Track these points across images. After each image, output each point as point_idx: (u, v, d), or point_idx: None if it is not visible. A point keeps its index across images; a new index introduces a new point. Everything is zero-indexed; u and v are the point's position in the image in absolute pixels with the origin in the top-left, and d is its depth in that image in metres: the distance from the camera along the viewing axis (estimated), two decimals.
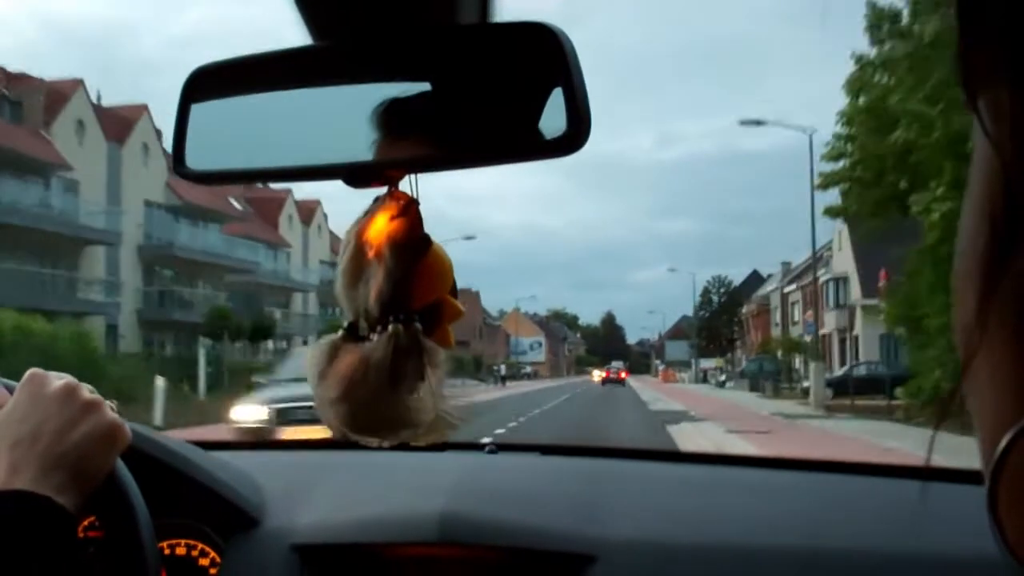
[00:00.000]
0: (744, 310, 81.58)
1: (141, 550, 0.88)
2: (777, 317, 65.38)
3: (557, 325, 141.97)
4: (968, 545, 1.09)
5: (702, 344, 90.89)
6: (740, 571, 1.17)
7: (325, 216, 66.77)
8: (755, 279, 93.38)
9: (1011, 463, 0.31)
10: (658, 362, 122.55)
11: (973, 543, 1.06)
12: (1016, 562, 0.31)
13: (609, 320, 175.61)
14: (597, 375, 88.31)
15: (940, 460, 0.57)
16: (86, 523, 1.01)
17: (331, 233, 65.87)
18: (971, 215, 0.33)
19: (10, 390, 0.87)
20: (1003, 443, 0.31)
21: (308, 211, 63.46)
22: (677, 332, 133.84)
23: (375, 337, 0.68)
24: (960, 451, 0.69)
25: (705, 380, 74.23)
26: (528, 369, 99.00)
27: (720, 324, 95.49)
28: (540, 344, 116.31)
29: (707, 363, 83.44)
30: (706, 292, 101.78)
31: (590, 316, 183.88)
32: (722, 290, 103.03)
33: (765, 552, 1.19)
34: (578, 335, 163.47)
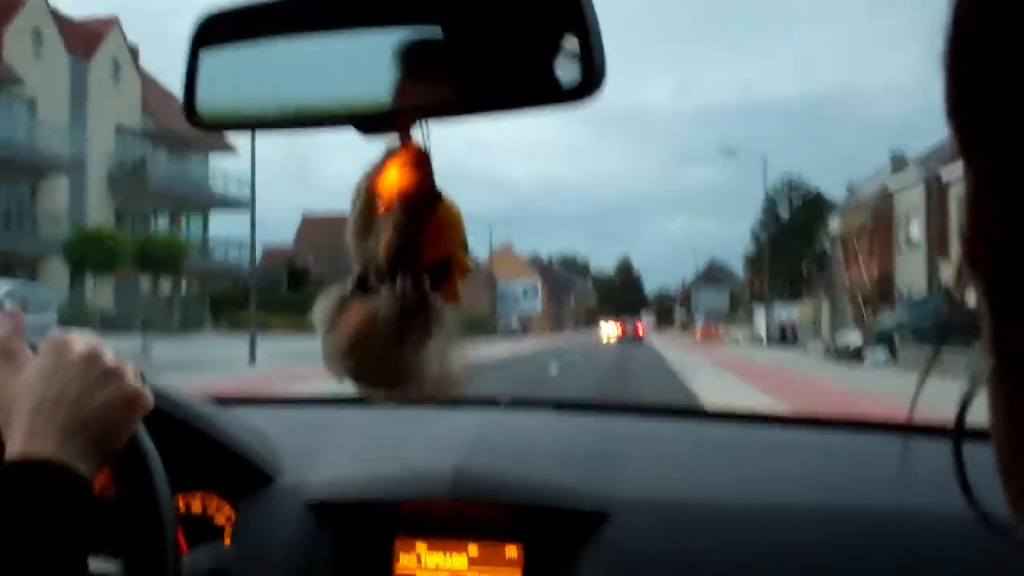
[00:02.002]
0: (835, 227, 49.15)
1: (158, 508, 0.88)
2: (914, 230, 37.81)
3: (561, 271, 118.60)
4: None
5: (760, 284, 61.31)
6: (755, 529, 1.16)
7: (131, 52, 39.03)
8: (818, 204, 63.49)
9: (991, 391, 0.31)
10: (684, 311, 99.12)
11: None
12: (984, 519, 0.32)
13: (625, 267, 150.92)
14: (606, 332, 69.60)
15: None
16: (102, 479, 1.01)
17: (144, 80, 38.20)
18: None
19: (35, 349, 0.86)
20: (965, 393, 0.30)
21: (89, 36, 36.11)
22: (708, 277, 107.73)
23: (384, 291, 0.69)
24: None
25: (784, 339, 45.34)
26: (514, 323, 71.79)
27: (792, 252, 59.81)
28: (535, 290, 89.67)
29: (783, 312, 49.90)
30: (771, 206, 62.18)
31: (604, 263, 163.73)
32: (800, 198, 64.81)
33: (781, 510, 1.18)
34: (589, 284, 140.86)
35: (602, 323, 75.39)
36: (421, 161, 0.68)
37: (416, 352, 0.69)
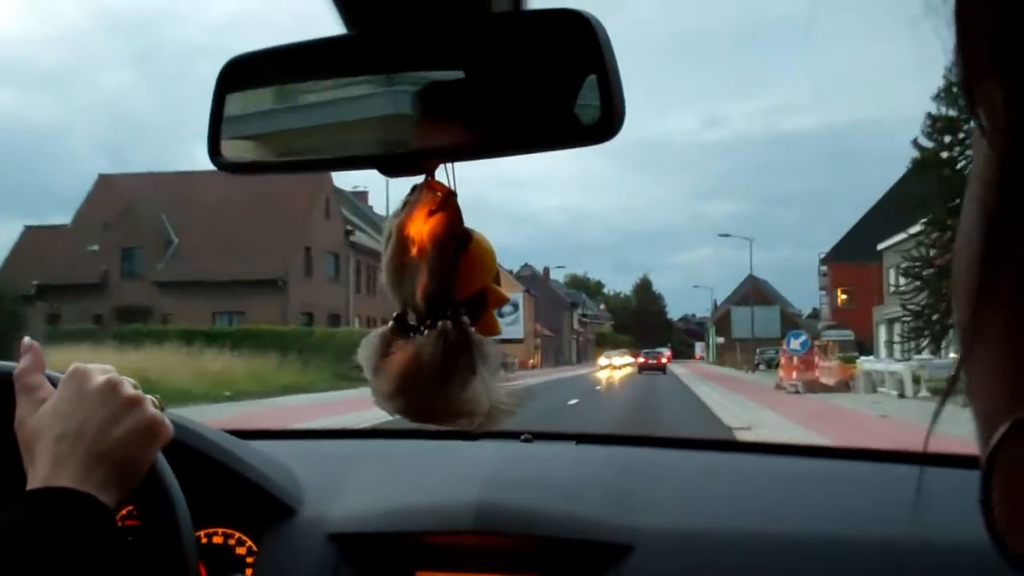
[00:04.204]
0: None
1: (179, 540, 0.89)
2: None
3: (563, 287, 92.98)
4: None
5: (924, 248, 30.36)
6: (779, 559, 1.16)
7: None
8: None
9: (1004, 456, 0.30)
10: (719, 339, 73.63)
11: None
12: (1005, 554, 0.31)
13: (644, 287, 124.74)
14: (606, 367, 51.98)
15: None
16: (124, 512, 1.01)
17: None
18: (970, 209, 0.33)
19: (53, 382, 0.88)
20: (997, 436, 0.30)
21: None
22: (750, 295, 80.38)
23: (424, 331, 0.70)
24: None
25: None
26: None
27: None
28: (516, 308, 62.48)
29: None
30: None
31: (620, 285, 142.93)
32: None
33: (805, 541, 1.18)
34: (602, 306, 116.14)
35: (600, 356, 49.75)
36: (449, 204, 0.69)
37: (463, 389, 0.69)
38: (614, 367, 51.06)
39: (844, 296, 51.45)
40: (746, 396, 23.39)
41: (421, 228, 0.69)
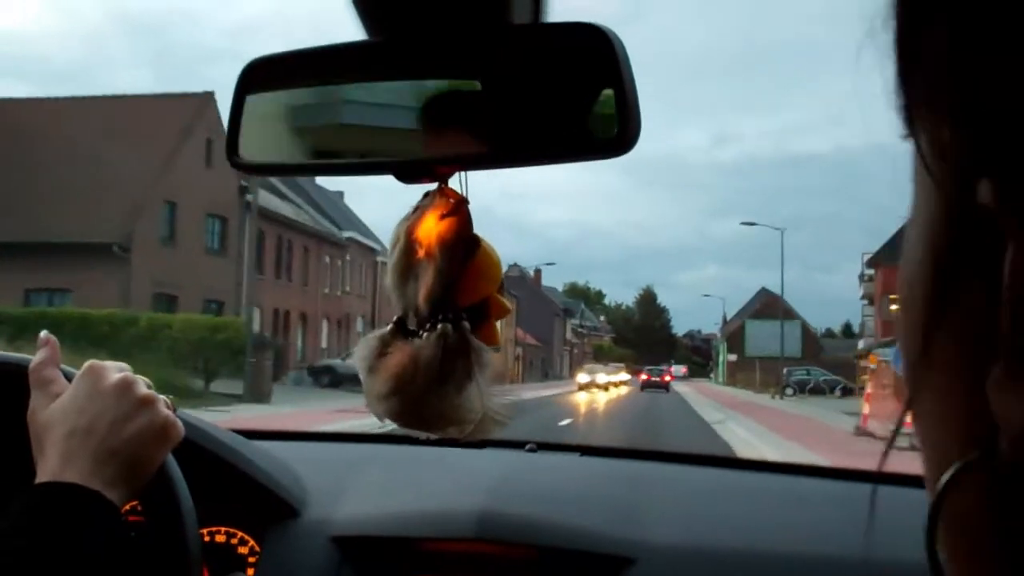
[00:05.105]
0: None
1: (184, 538, 0.91)
2: None
3: (558, 293, 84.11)
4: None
5: None
6: None
7: None
8: None
9: (950, 502, 0.30)
10: (731, 356, 64.84)
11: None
12: None
13: (647, 299, 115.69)
14: (587, 386, 39.18)
15: None
16: (128, 507, 1.02)
17: None
18: (915, 243, 0.31)
19: (69, 377, 0.89)
20: (943, 480, 0.29)
21: None
22: (765, 309, 71.62)
23: (424, 334, 0.70)
24: None
25: None
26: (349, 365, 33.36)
27: None
28: None
29: None
30: None
31: (623, 297, 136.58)
32: None
33: (806, 559, 1.19)
34: (602, 318, 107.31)
35: (581, 373, 38.95)
36: (460, 209, 0.70)
37: (458, 394, 0.69)
38: (598, 386, 39.84)
39: (896, 306, 41.34)
40: (829, 456, 12.61)
41: (431, 231, 0.69)
